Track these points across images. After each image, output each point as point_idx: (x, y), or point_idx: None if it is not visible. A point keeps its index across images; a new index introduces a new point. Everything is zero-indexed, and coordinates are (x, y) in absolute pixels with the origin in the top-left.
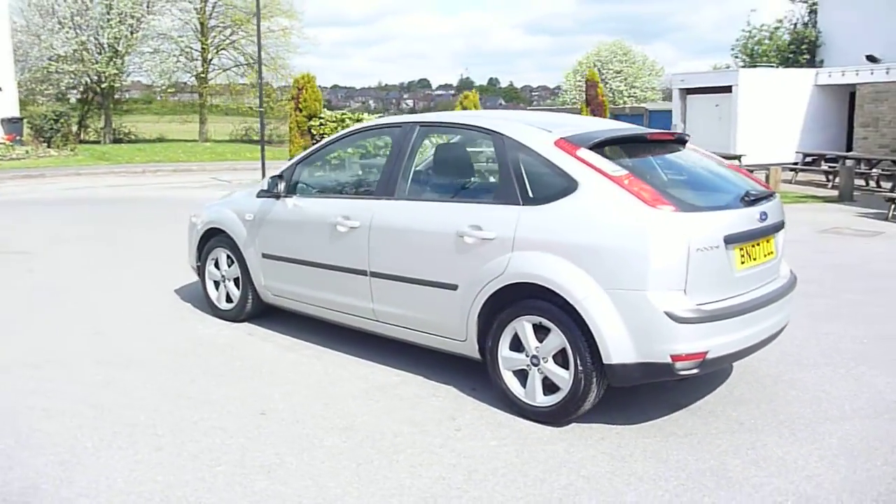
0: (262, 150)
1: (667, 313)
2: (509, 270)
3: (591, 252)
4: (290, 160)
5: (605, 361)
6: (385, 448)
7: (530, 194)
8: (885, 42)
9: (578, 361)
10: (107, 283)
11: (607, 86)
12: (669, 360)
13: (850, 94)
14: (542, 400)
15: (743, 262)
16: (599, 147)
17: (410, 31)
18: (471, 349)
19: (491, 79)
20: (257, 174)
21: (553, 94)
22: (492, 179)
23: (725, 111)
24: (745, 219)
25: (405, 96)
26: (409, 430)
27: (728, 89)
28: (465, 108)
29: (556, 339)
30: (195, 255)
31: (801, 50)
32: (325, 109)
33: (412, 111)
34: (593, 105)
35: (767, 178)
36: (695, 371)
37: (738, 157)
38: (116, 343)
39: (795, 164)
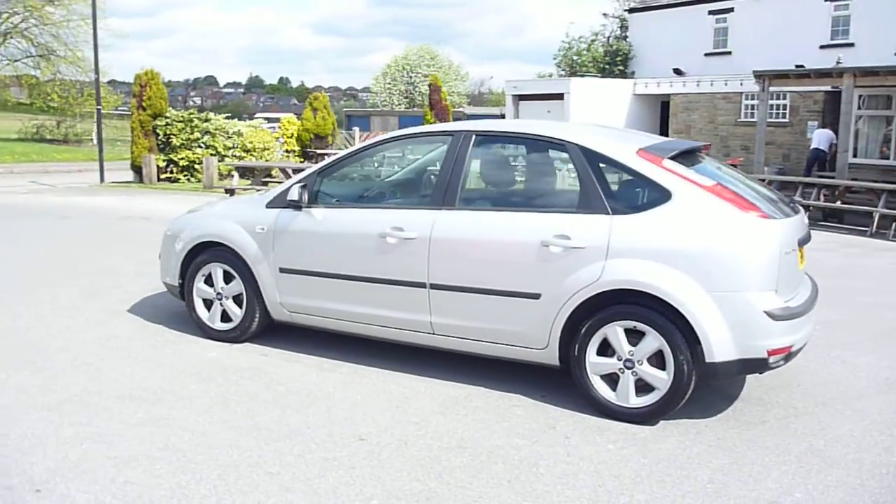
0: (101, 150)
1: (766, 312)
2: (605, 278)
3: (693, 258)
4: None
5: (707, 360)
6: (518, 462)
7: (619, 204)
8: (688, 56)
9: (682, 361)
10: (46, 307)
11: (416, 89)
12: (766, 355)
13: (661, 103)
14: (635, 401)
15: (801, 265)
16: (678, 158)
17: (194, 26)
18: (549, 357)
19: (281, 78)
20: (82, 177)
21: (347, 95)
22: (568, 189)
23: (558, 117)
24: (801, 224)
25: (192, 93)
26: (525, 443)
27: (560, 96)
28: (315, 109)
29: (654, 342)
30: (177, 272)
31: (615, 61)
32: (171, 108)
33: (201, 109)
34: (437, 109)
35: None
36: (781, 364)
37: None
38: (122, 375)
39: None
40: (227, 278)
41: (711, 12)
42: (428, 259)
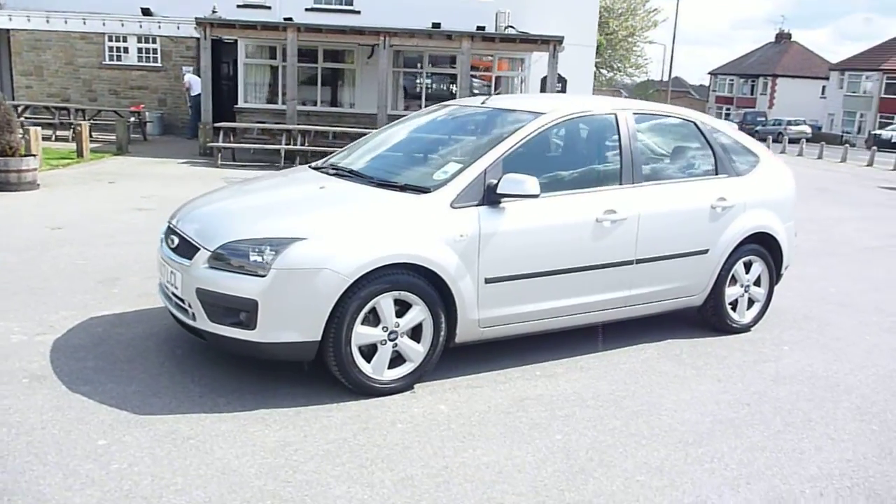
0: None
1: (795, 234)
2: (746, 226)
3: (777, 203)
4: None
5: (781, 272)
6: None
7: (738, 167)
8: None
9: (773, 278)
10: None
11: None
12: (790, 263)
13: None
14: (748, 316)
15: None
16: None
17: None
18: (701, 299)
19: None
20: None
21: None
22: (699, 157)
23: None
24: None
25: None
26: (821, 368)
27: None
28: None
29: (759, 267)
30: (323, 320)
31: None
32: None
33: None
34: None
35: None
36: None
37: None
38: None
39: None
40: (402, 309)
41: None
42: (637, 236)
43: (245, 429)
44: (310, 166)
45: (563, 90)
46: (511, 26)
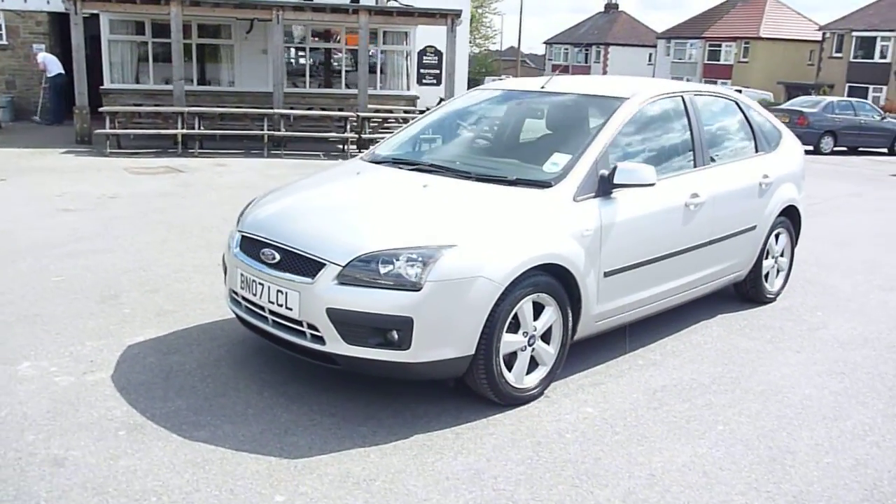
0: None
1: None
2: (781, 200)
3: (796, 175)
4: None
5: (797, 241)
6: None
7: (770, 144)
8: None
9: (794, 247)
10: None
11: None
12: None
13: None
14: (776, 286)
15: None
16: None
17: None
18: (745, 274)
19: None
20: None
21: None
22: (742, 135)
23: None
24: None
25: None
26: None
27: None
28: None
29: (785, 239)
30: (479, 330)
31: None
32: None
33: None
34: None
35: None
36: None
37: None
38: None
39: None
40: (537, 311)
41: None
42: (712, 218)
43: (419, 459)
44: (362, 159)
45: (440, 64)
46: None
